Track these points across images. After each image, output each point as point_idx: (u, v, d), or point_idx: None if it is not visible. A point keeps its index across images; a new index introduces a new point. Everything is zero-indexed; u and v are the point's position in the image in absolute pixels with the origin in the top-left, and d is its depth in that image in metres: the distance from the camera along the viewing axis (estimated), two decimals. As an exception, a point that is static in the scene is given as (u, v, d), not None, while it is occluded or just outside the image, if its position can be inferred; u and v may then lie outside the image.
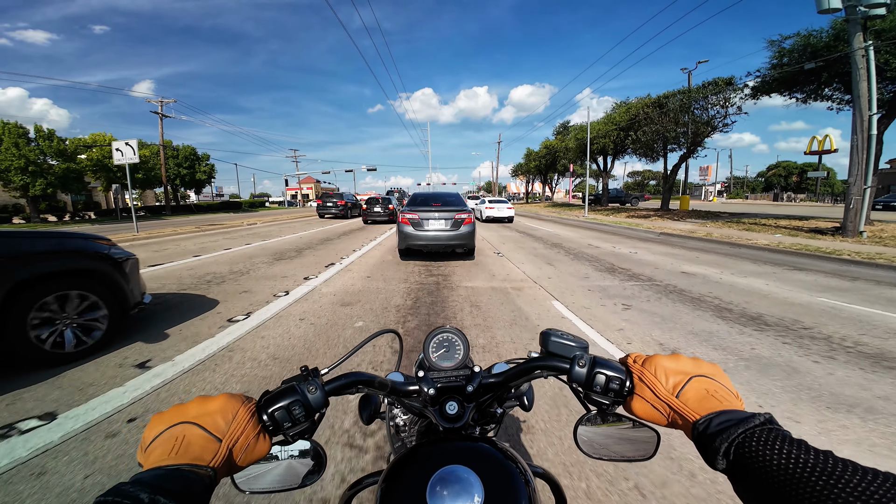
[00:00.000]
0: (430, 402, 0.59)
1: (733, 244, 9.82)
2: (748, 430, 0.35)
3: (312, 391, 0.47)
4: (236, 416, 0.42)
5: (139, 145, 31.03)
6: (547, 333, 0.58)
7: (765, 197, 56.28)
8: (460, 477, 0.43)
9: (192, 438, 0.39)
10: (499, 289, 5.12)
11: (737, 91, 17.38)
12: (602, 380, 0.49)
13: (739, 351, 3.14)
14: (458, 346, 0.71)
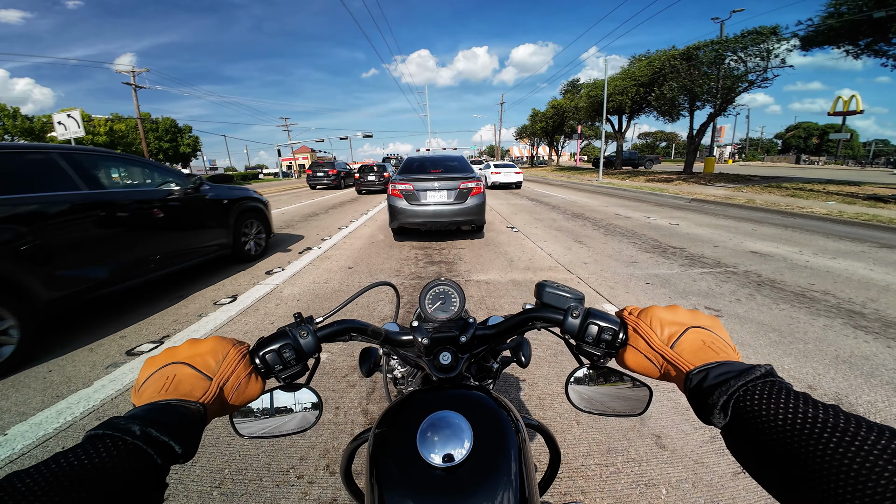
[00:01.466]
0: (425, 352, 0.59)
1: (785, 213, 8.39)
2: (749, 382, 0.33)
3: (304, 336, 0.48)
4: (226, 356, 0.43)
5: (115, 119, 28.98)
6: (542, 284, 0.56)
7: (783, 159, 53.60)
8: (450, 422, 0.43)
9: (182, 377, 0.39)
10: (523, 283, 3.78)
11: (782, 41, 15.04)
12: (594, 330, 0.48)
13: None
14: (455, 298, 0.69)
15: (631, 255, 4.81)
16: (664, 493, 1.41)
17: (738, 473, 1.48)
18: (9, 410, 1.94)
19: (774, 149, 71.27)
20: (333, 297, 3.50)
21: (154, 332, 2.81)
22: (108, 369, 2.30)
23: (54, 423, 1.82)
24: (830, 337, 2.58)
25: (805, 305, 3.13)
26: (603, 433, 1.70)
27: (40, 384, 2.17)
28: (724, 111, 18.65)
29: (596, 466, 1.53)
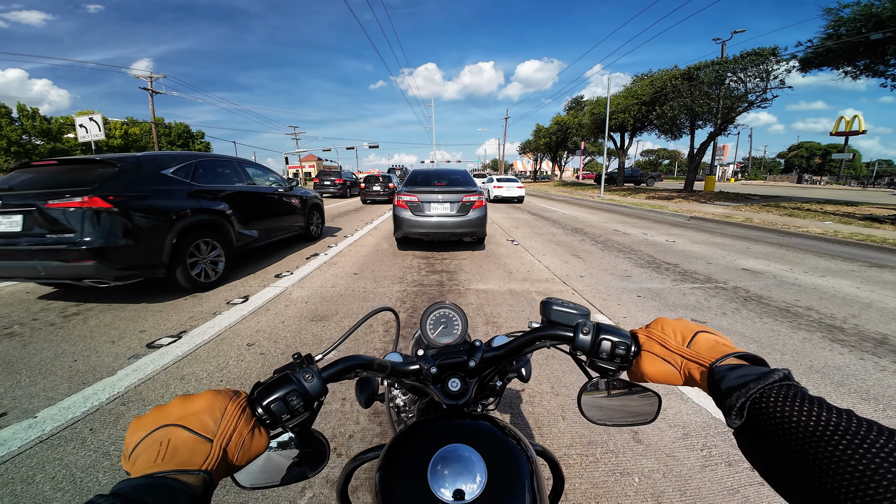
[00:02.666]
0: (432, 381, 0.58)
1: (781, 232, 8.56)
2: (766, 386, 0.34)
3: (309, 379, 0.45)
4: (225, 412, 0.39)
5: (130, 123, 29.79)
6: (548, 303, 0.56)
7: (785, 178, 53.85)
8: (462, 456, 0.43)
9: (178, 442, 0.35)
10: (520, 293, 3.95)
11: (780, 62, 15.44)
12: (608, 346, 0.48)
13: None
14: (457, 321, 0.69)
15: (626, 270, 4.98)
16: (637, 481, 1.56)
17: (705, 467, 1.63)
18: (38, 395, 2.09)
19: (777, 168, 71.61)
20: (340, 301, 3.68)
21: (171, 328, 2.99)
22: (130, 360, 2.48)
23: (82, 408, 1.97)
24: (807, 349, 2.73)
25: (788, 320, 3.28)
26: (585, 427, 1.86)
27: (66, 373, 2.33)
28: (725, 130, 19.00)
29: (577, 456, 1.69)
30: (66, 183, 3.42)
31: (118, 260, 3.32)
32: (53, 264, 3.19)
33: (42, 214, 3.22)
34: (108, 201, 3.29)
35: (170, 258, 3.71)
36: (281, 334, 2.89)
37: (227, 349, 2.65)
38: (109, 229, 3.27)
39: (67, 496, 1.44)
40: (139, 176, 3.71)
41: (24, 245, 3.21)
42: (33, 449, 1.68)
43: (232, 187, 4.79)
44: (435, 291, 3.97)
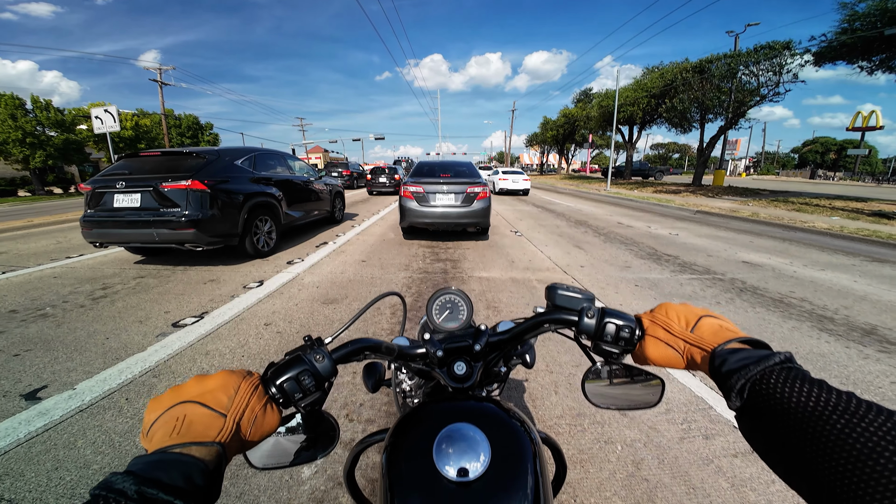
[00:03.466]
0: (438, 364, 0.59)
1: (786, 227, 8.55)
2: (767, 368, 0.34)
3: (320, 360, 0.46)
4: (238, 389, 0.40)
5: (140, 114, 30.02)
6: (553, 287, 0.57)
7: (799, 174, 52.84)
8: (466, 435, 0.43)
9: (193, 417, 0.36)
10: (521, 281, 4.11)
11: (794, 56, 15.17)
12: (612, 329, 0.48)
13: (880, 388, 2.15)
14: (462, 307, 0.70)
15: (626, 261, 5.09)
16: (619, 448, 1.72)
17: (683, 439, 1.78)
18: (75, 370, 2.28)
19: (791, 163, 70.15)
20: (349, 286, 3.87)
21: (194, 309, 3.20)
22: (158, 338, 2.69)
23: (117, 380, 2.15)
24: (795, 337, 2.85)
25: (780, 310, 3.39)
26: (576, 401, 2.02)
27: (100, 349, 2.53)
28: (735, 124, 18.74)
29: (566, 426, 1.85)
30: (168, 169, 4.37)
31: (210, 230, 4.31)
32: (164, 231, 4.16)
33: (157, 193, 4.20)
34: (204, 184, 4.26)
35: (242, 230, 4.71)
36: (295, 315, 3.09)
37: (247, 328, 2.85)
38: (205, 206, 4.26)
39: (107, 459, 1.58)
40: (221, 165, 4.70)
41: (143, 217, 4.18)
42: (74, 417, 1.83)
43: (279, 175, 5.85)
44: (439, 279, 4.14)
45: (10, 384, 2.11)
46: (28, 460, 1.57)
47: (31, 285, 3.91)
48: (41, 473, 1.50)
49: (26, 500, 1.38)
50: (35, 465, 1.54)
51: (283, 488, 1.45)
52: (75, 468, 1.53)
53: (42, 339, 2.67)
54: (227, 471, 1.50)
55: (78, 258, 5.12)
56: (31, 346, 2.55)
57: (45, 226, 8.51)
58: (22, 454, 1.60)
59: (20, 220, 9.41)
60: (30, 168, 22.07)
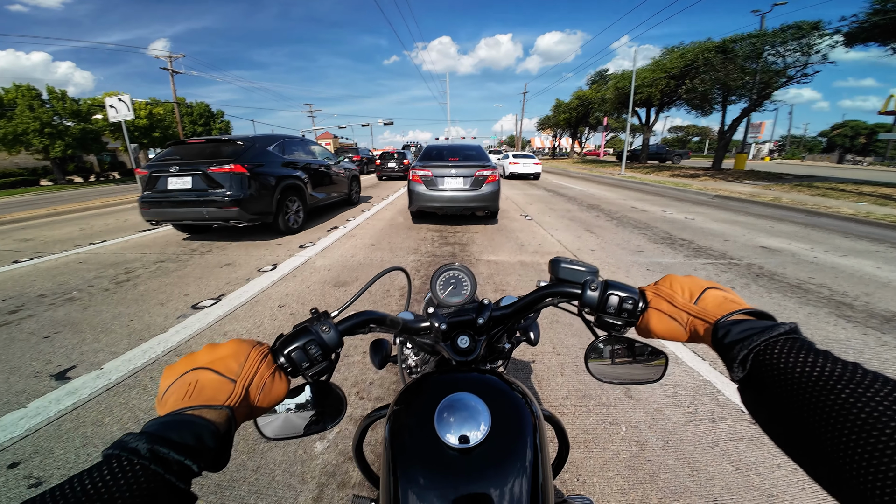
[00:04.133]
0: (442, 338, 0.59)
1: (810, 212, 8.24)
2: (771, 338, 0.33)
3: (326, 331, 0.46)
4: (248, 357, 0.42)
5: (153, 103, 30.39)
6: (557, 261, 0.56)
7: (826, 158, 50.50)
8: (467, 404, 0.43)
9: (205, 382, 0.38)
10: (530, 264, 4.10)
11: (824, 37, 14.36)
12: (615, 301, 0.48)
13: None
14: (466, 282, 0.70)
15: (638, 245, 5.02)
16: (623, 430, 1.73)
17: (689, 421, 1.79)
18: (102, 350, 2.39)
19: (818, 147, 67.09)
20: (359, 269, 3.93)
21: (212, 292, 3.31)
22: (179, 319, 2.79)
23: (141, 359, 2.25)
24: (811, 323, 2.79)
25: (797, 296, 3.31)
26: (581, 383, 2.04)
27: (125, 330, 2.65)
28: (760, 106, 17.91)
29: (572, 406, 1.88)
30: (211, 155, 4.94)
31: (250, 208, 4.85)
32: (212, 210, 4.72)
33: (205, 176, 4.74)
34: (244, 167, 4.81)
35: (275, 209, 5.24)
36: (307, 297, 3.17)
37: (262, 310, 2.94)
38: (245, 187, 4.79)
39: None
40: (256, 151, 5.21)
41: (193, 197, 4.75)
42: (101, 396, 1.92)
43: (304, 159, 6.40)
44: (448, 261, 4.15)
45: (41, 365, 2.23)
46: (58, 438, 1.66)
47: (58, 270, 4.08)
48: (70, 450, 1.59)
49: (55, 476, 1.46)
50: (64, 443, 1.63)
51: (297, 462, 1.52)
52: (102, 445, 1.61)
53: (70, 321, 2.81)
54: (245, 445, 1.58)
55: (101, 244, 5.31)
56: (60, 329, 2.69)
57: (68, 213, 8.80)
58: (52, 432, 1.69)
59: (44, 208, 9.74)
60: (50, 158, 22.64)
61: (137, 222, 7.01)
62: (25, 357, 2.31)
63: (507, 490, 0.39)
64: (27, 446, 1.60)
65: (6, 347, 2.43)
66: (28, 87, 20.99)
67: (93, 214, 8.47)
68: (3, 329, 2.69)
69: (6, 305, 3.12)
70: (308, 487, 1.40)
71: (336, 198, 7.66)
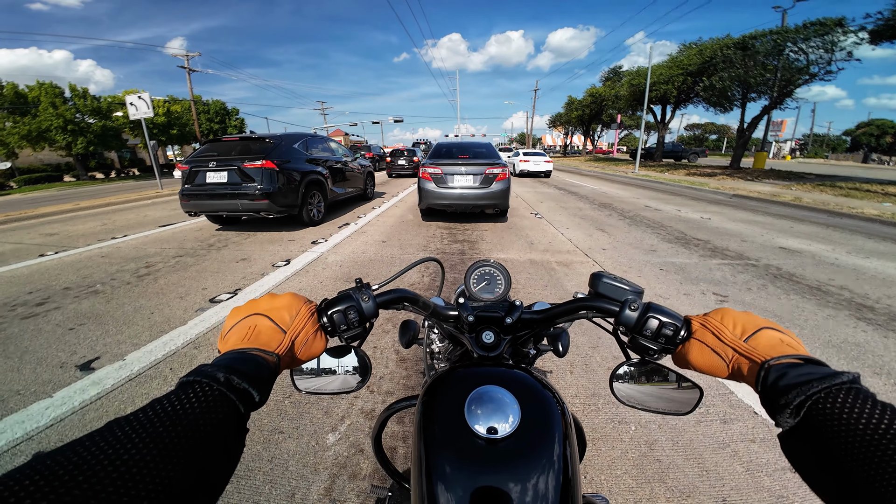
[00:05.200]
0: (468, 329, 0.59)
1: (832, 212, 7.98)
2: (833, 386, 0.31)
3: (366, 300, 0.49)
4: (299, 312, 0.45)
5: (171, 101, 31.12)
6: (598, 275, 0.55)
7: (850, 158, 48.77)
8: (495, 397, 0.44)
9: (261, 328, 0.42)
10: (540, 263, 4.08)
11: (848, 34, 13.86)
12: (654, 324, 0.46)
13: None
14: (500, 280, 0.71)
15: (651, 245, 4.95)
16: (633, 429, 1.73)
17: (700, 422, 1.77)
18: (125, 342, 2.47)
19: (843, 146, 64.79)
20: (370, 265, 3.98)
21: (228, 286, 3.40)
22: (198, 312, 2.88)
23: (162, 351, 2.32)
24: (830, 325, 2.72)
25: (816, 297, 3.23)
26: (590, 381, 2.04)
27: (146, 323, 2.74)
28: (781, 104, 17.38)
29: (580, 405, 1.88)
30: (244, 151, 5.34)
31: (278, 201, 5.24)
32: (245, 202, 5.12)
33: (240, 171, 5.14)
34: (274, 163, 5.18)
35: (300, 202, 5.62)
36: (319, 293, 3.23)
37: (275, 305, 3.00)
38: (274, 181, 5.18)
39: None
40: (284, 148, 5.60)
41: (230, 190, 5.15)
42: (124, 386, 1.98)
43: (324, 156, 6.77)
44: (457, 259, 4.18)
45: (67, 356, 2.32)
46: (82, 427, 1.72)
47: (82, 264, 4.24)
48: (93, 440, 1.67)
49: None
50: (87, 432, 1.71)
51: (310, 453, 1.56)
52: (125, 433, 1.69)
53: (94, 313, 2.91)
54: (259, 436, 1.64)
55: (122, 238, 5.48)
56: (85, 321, 2.79)
57: (91, 209, 9.11)
58: (76, 421, 1.76)
59: (68, 203, 10.10)
60: (73, 154, 23.39)
61: (157, 217, 7.23)
62: (52, 348, 2.41)
63: (537, 482, 0.39)
64: (52, 435, 1.66)
65: (33, 338, 2.54)
66: (51, 85, 21.67)
67: (114, 210, 8.75)
68: (31, 321, 2.81)
69: (33, 298, 3.26)
70: (320, 478, 1.44)
71: (353, 193, 8.00)
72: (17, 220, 7.62)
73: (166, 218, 7.17)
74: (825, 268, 4.07)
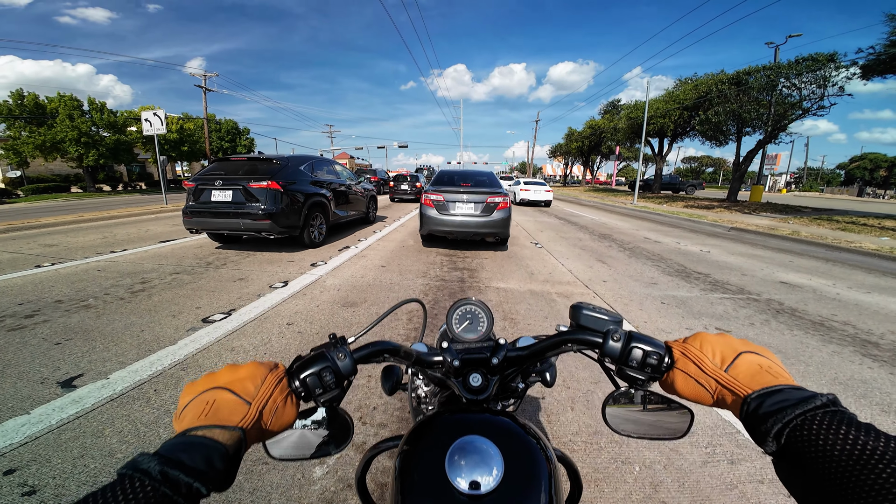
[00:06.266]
0: (454, 374, 0.58)
1: (830, 247, 8.03)
2: (808, 411, 0.32)
3: (341, 358, 0.47)
4: (265, 380, 0.42)
5: (185, 118, 32.12)
6: (578, 307, 0.54)
7: (845, 191, 49.74)
8: (479, 448, 0.43)
9: (221, 402, 0.39)
10: (540, 294, 4.04)
11: (840, 69, 14.44)
12: (639, 354, 0.46)
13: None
14: (482, 318, 0.70)
15: (652, 277, 4.92)
16: (637, 469, 1.64)
17: (706, 463, 1.69)
18: (110, 360, 2.40)
19: (836, 180, 66.28)
20: (368, 290, 3.93)
21: (223, 306, 3.35)
22: (189, 332, 2.81)
23: (148, 371, 2.25)
24: (835, 361, 2.66)
25: (819, 333, 3.18)
26: (593, 419, 1.96)
27: (135, 341, 2.67)
28: (775, 138, 17.90)
29: (582, 443, 1.79)
30: (252, 171, 5.41)
31: (280, 222, 5.25)
32: (248, 221, 5.14)
33: (245, 191, 5.20)
34: (279, 184, 5.26)
35: (302, 223, 5.63)
36: (316, 317, 3.17)
37: (270, 327, 2.95)
38: (278, 202, 5.22)
39: (132, 448, 1.62)
40: (290, 170, 5.71)
41: (233, 209, 5.19)
42: (104, 406, 1.90)
43: (329, 179, 6.87)
44: (456, 287, 4.14)
45: (49, 371, 2.25)
46: (57, 447, 1.64)
47: (77, 277, 4.19)
48: (67, 460, 1.57)
49: (49, 486, 1.43)
50: (62, 452, 1.61)
51: (295, 486, 1.47)
52: (100, 456, 1.60)
53: (83, 328, 2.85)
54: (243, 466, 1.55)
55: (121, 253, 5.46)
56: (72, 336, 2.73)
57: (93, 221, 9.14)
58: (52, 440, 1.68)
59: (71, 214, 10.15)
60: (83, 166, 23.78)
61: (158, 233, 7.24)
62: (35, 362, 2.33)
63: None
64: (25, 453, 1.59)
65: (18, 352, 2.47)
66: (70, 98, 22.34)
67: (117, 223, 8.78)
68: (18, 333, 2.75)
69: (23, 310, 3.20)
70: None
71: (354, 216, 8.05)
72: (19, 229, 7.63)
73: (167, 234, 7.18)
74: (827, 303, 4.04)
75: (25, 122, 21.28)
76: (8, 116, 20.80)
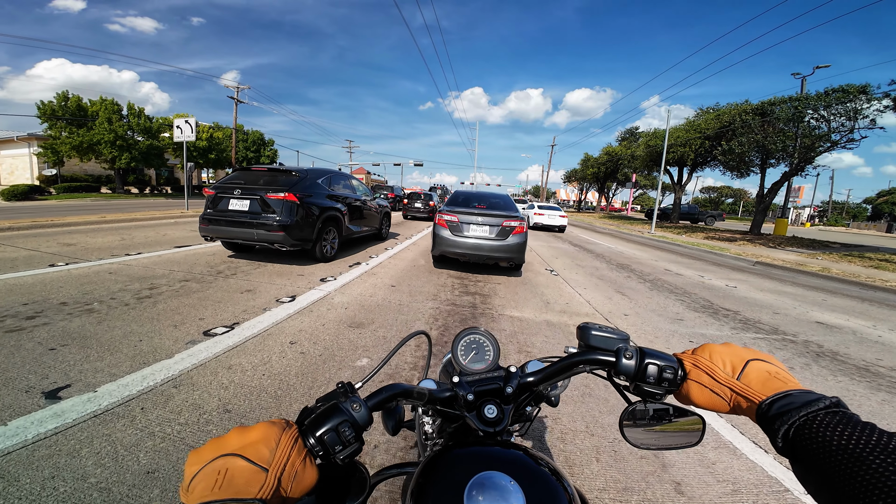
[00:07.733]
0: (467, 408, 0.57)
1: (864, 285, 7.58)
2: (811, 413, 0.34)
3: (357, 409, 0.44)
4: (279, 443, 0.39)
5: (215, 127, 33.47)
6: (586, 327, 0.56)
7: (873, 226, 47.95)
8: (498, 484, 0.41)
9: (235, 471, 0.35)
10: (557, 325, 3.81)
11: (872, 101, 14.07)
12: (654, 370, 0.47)
13: None
14: (488, 347, 0.69)
15: (677, 313, 4.63)
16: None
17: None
18: (102, 371, 2.26)
19: (863, 214, 64.28)
20: (377, 310, 3.78)
21: (227, 319, 3.23)
22: (188, 345, 2.69)
23: (138, 386, 2.10)
24: (886, 411, 2.38)
25: (866, 379, 2.87)
26: (621, 473, 1.71)
27: (131, 351, 2.54)
28: (802, 171, 17.44)
29: (610, 501, 1.55)
30: (270, 182, 5.44)
31: (294, 234, 5.22)
32: (262, 232, 5.12)
33: (262, 201, 5.20)
34: (296, 196, 5.26)
35: (315, 237, 5.58)
36: (321, 336, 3.01)
37: (272, 344, 2.80)
38: (293, 214, 5.21)
39: (106, 473, 1.48)
40: (308, 183, 5.72)
41: (249, 219, 5.17)
42: (86, 423, 1.77)
43: (344, 193, 6.84)
44: (467, 313, 3.94)
45: (37, 379, 2.13)
46: (28, 464, 1.51)
47: (88, 279, 4.16)
48: (36, 481, 1.43)
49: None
50: (32, 471, 1.48)
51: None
52: (72, 479, 1.45)
53: (81, 334, 2.75)
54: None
55: (135, 256, 5.47)
56: (69, 342, 2.63)
57: (115, 222, 9.31)
58: (24, 457, 1.55)
59: (96, 214, 10.40)
60: (115, 168, 24.77)
61: (175, 238, 7.30)
62: (24, 368, 2.23)
63: None
64: (-7, 468, 1.45)
65: (9, 356, 2.37)
66: (112, 102, 23.52)
67: (137, 225, 8.92)
68: (14, 335, 2.66)
69: (26, 310, 3.13)
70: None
71: (367, 231, 7.99)
72: (43, 226, 7.79)
73: (184, 239, 7.23)
74: (870, 346, 3.70)
75: (66, 122, 22.42)
76: (51, 116, 21.97)
